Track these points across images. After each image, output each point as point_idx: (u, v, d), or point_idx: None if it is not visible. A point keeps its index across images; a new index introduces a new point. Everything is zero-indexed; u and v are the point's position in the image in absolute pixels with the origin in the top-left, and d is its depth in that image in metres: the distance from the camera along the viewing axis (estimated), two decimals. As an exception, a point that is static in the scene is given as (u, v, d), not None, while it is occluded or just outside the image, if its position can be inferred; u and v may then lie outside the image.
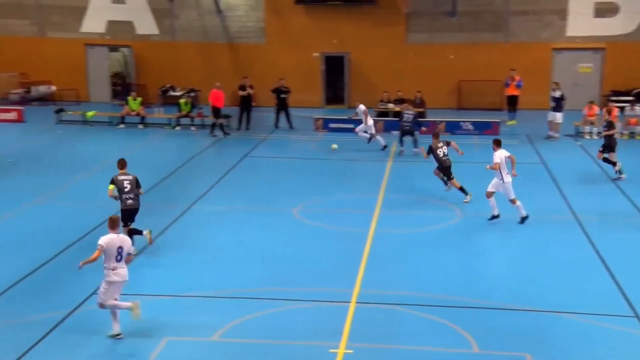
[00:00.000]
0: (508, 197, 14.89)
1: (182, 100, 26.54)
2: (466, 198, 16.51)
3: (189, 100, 26.65)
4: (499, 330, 10.53)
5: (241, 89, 25.61)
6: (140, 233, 13.16)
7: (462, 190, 16.62)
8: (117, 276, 10.05)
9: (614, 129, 19.09)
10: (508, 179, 14.70)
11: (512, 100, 26.55)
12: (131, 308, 10.10)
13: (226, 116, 25.08)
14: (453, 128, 24.86)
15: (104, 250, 10.01)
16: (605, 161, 18.99)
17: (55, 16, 31.03)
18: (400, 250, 13.76)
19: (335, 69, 30.43)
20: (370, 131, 22.14)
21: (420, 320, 10.88)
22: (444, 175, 16.92)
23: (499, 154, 14.69)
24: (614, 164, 18.75)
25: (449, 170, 16.83)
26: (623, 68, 28.41)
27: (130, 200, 13.14)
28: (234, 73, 29.45)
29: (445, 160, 16.78)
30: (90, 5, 30.83)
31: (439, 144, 16.93)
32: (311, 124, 25.61)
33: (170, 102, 28.92)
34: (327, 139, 23.57)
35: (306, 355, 9.78)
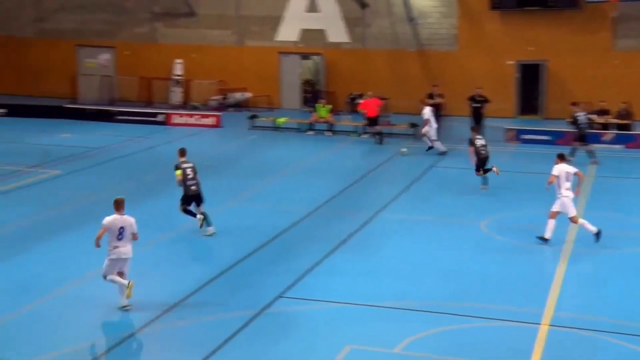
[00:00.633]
0: (567, 215, 14.16)
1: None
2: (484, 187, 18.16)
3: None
4: None
5: (430, 97, 25.50)
6: (194, 216, 14.52)
7: (486, 170, 18.22)
8: (116, 254, 11.12)
9: None
10: (567, 193, 14.09)
11: None
12: (126, 286, 11.08)
13: (413, 125, 25.08)
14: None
15: (106, 229, 11.06)
16: None
17: (254, 26, 32.84)
18: (599, 272, 12.97)
19: (530, 77, 29.37)
20: (431, 136, 22.51)
21: (619, 349, 10.17)
22: (482, 165, 18.22)
23: (558, 167, 14.25)
24: None
25: (485, 163, 18.22)
26: None
27: (193, 187, 14.63)
28: (423, 81, 29.41)
29: (483, 152, 18.20)
30: (286, 14, 32.30)
31: (477, 136, 18.55)
32: (503, 135, 24.91)
33: (358, 110, 29.45)
34: (520, 151, 22.79)
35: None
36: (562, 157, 14.59)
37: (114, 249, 11.21)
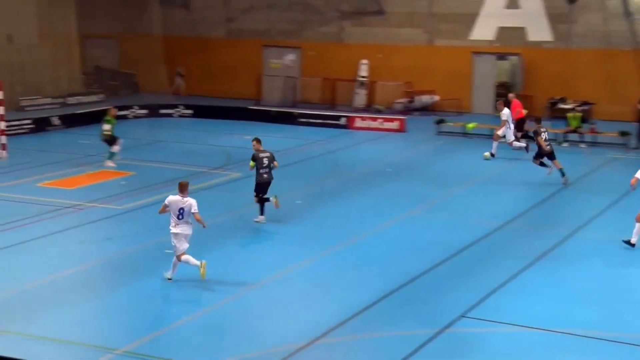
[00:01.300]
0: None
1: (571, 115, 25.66)
2: (562, 179, 19.27)
3: (577, 115, 25.67)
4: None
5: (643, 102, 23.85)
6: (267, 200, 16.00)
7: (543, 164, 19.65)
8: (175, 230, 12.64)
9: None
10: None
11: None
12: (199, 266, 12.56)
13: (623, 133, 23.55)
14: None
15: (167, 206, 12.67)
16: None
17: (446, 24, 32.53)
18: None
19: None
20: (509, 138, 22.84)
21: None
22: (548, 158, 19.52)
23: None
24: None
25: (552, 155, 19.52)
26: None
27: (265, 175, 16.19)
28: (637, 84, 27.54)
29: (547, 146, 19.44)
30: (481, 11, 31.66)
31: (542, 129, 19.74)
32: None
33: (558, 116, 28.20)
34: None
35: None
36: None
37: (174, 226, 12.67)
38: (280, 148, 24.76)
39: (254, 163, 16.19)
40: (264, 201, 16.20)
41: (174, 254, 12.73)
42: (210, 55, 35.78)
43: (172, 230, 12.69)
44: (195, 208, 12.70)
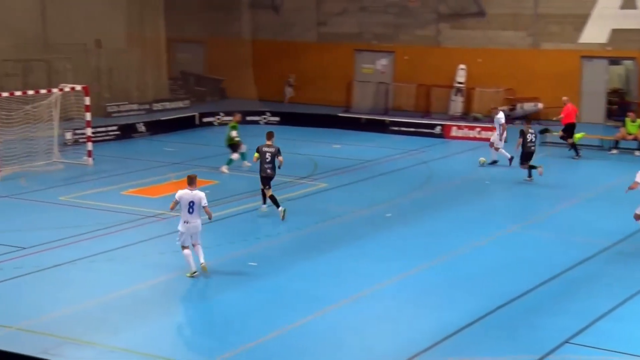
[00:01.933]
0: None
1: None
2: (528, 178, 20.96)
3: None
4: None
5: None
6: (278, 207, 16.99)
7: (531, 167, 21.08)
8: (185, 228, 13.45)
9: None
10: None
11: None
12: (192, 272, 13.55)
13: None
14: None
15: (178, 202, 13.42)
16: None
17: (553, 26, 31.83)
18: None
19: None
20: (497, 144, 23.43)
21: None
22: (526, 159, 20.99)
23: None
24: None
25: (530, 157, 20.90)
26: None
27: (268, 170, 17.39)
28: None
29: (532, 147, 20.94)
30: (593, 12, 30.82)
31: (530, 130, 21.29)
32: None
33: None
34: None
35: None
36: None
37: (185, 223, 13.49)
38: (371, 158, 24.76)
39: (258, 155, 17.39)
40: (273, 200, 17.28)
41: (181, 244, 13.62)
42: (300, 60, 36.14)
43: (182, 225, 13.49)
44: (205, 201, 13.51)
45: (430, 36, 34.20)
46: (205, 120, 30.95)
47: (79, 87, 23.75)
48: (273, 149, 17.56)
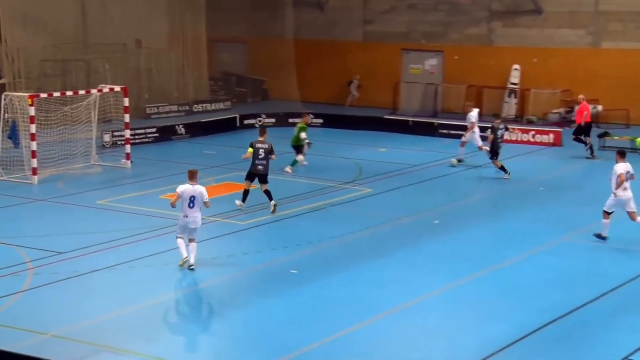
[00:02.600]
0: (627, 210, 15.87)
1: None
2: (505, 175, 21.97)
3: None
4: None
5: None
6: (270, 199, 17.77)
7: (503, 169, 22.04)
8: (184, 222, 14.33)
9: None
10: (622, 193, 15.75)
11: None
12: (182, 259, 14.39)
13: None
14: None
15: (180, 196, 14.22)
16: None
17: (615, 23, 31.38)
18: None
19: None
20: (476, 143, 23.69)
21: None
22: (493, 156, 22.16)
23: (621, 167, 15.85)
24: None
25: (497, 153, 22.08)
26: None
27: (260, 167, 18.06)
28: None
29: (499, 142, 22.08)
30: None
31: (500, 125, 22.48)
32: None
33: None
34: None
35: None
36: (623, 155, 16.18)
37: (184, 217, 14.33)
38: (418, 162, 24.68)
39: (251, 150, 18.01)
40: (267, 195, 17.96)
41: (177, 234, 14.55)
42: (345, 61, 36.17)
43: (181, 219, 14.31)
44: (206, 197, 14.37)
45: (482, 35, 33.96)
46: (247, 122, 31.16)
47: (118, 88, 24.14)
48: (267, 145, 18.13)
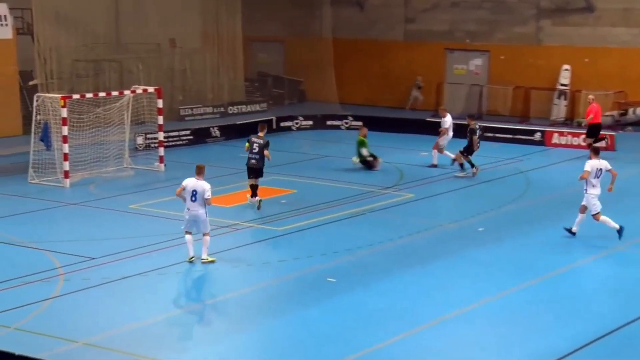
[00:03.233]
0: (590, 212, 16.56)
1: None
2: (467, 171, 22.89)
3: None
4: None
5: None
6: (255, 195, 18.89)
7: (467, 165, 22.80)
8: (188, 214, 15.03)
9: None
10: (592, 190, 16.58)
11: None
12: (189, 257, 15.10)
13: None
14: None
15: (184, 188, 14.96)
16: None
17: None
18: None
19: None
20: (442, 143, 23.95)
21: None
22: (468, 154, 22.60)
23: (591, 163, 16.52)
24: None
25: (472, 153, 22.63)
26: None
27: (253, 160, 19.03)
28: None
29: (478, 144, 22.80)
30: None
31: (477, 126, 23.27)
32: None
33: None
34: None
35: None
36: (597, 152, 16.85)
37: (187, 210, 15.06)
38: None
39: (248, 145, 19.10)
40: (254, 190, 18.97)
41: (184, 229, 15.17)
42: (385, 60, 36.08)
43: (185, 212, 15.07)
44: (208, 194, 14.92)
45: (530, 34, 33.64)
46: (283, 124, 31.18)
47: (151, 89, 24.32)
48: (262, 140, 19.05)
